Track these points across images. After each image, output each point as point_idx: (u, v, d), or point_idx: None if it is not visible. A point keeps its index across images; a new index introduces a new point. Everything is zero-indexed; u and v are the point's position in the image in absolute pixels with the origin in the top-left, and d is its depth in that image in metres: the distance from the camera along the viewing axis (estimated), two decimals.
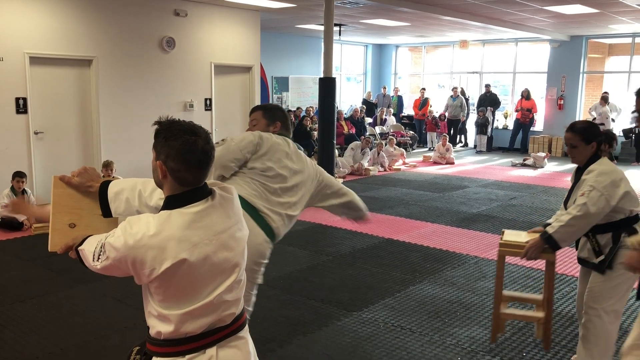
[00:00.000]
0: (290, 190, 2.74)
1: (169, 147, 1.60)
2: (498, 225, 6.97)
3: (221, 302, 1.64)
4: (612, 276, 2.84)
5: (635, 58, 13.71)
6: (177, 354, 1.61)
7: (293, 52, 14.68)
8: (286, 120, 2.97)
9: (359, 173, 10.88)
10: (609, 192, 2.78)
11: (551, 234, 2.87)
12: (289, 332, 3.88)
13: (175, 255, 1.53)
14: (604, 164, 2.89)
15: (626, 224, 2.85)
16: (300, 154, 2.88)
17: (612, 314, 2.88)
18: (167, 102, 9.36)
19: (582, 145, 2.94)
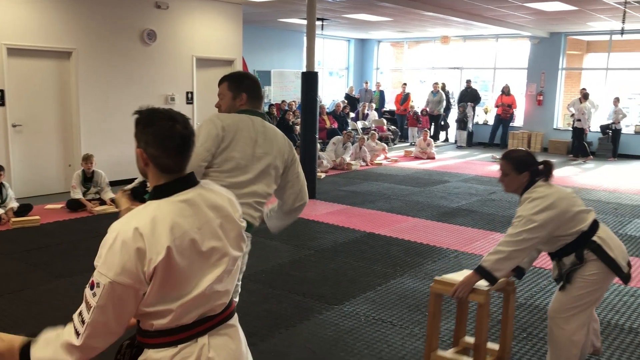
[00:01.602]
0: (255, 179, 2.63)
1: (148, 133, 1.63)
2: (478, 219, 7.06)
3: (213, 292, 1.64)
4: (572, 289, 2.85)
5: (612, 55, 13.93)
6: (169, 344, 1.61)
7: (275, 46, 14.63)
8: (254, 90, 2.74)
9: (341, 167, 10.91)
10: (540, 218, 2.73)
11: (481, 265, 2.79)
12: (271, 326, 3.89)
13: (169, 243, 1.54)
14: (537, 192, 2.82)
15: (585, 240, 2.83)
16: (267, 132, 2.70)
17: (575, 325, 2.87)
18: (148, 95, 9.28)
19: (513, 174, 2.89)
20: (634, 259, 5.49)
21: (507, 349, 3.07)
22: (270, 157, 2.68)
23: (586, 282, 2.83)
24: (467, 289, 2.81)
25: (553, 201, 2.77)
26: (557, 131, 14.38)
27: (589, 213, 2.91)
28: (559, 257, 2.93)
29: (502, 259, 2.75)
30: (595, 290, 2.86)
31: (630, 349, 3.63)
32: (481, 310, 2.82)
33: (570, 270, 2.85)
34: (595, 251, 2.81)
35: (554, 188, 2.87)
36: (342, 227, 6.59)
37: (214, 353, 1.65)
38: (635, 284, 4.81)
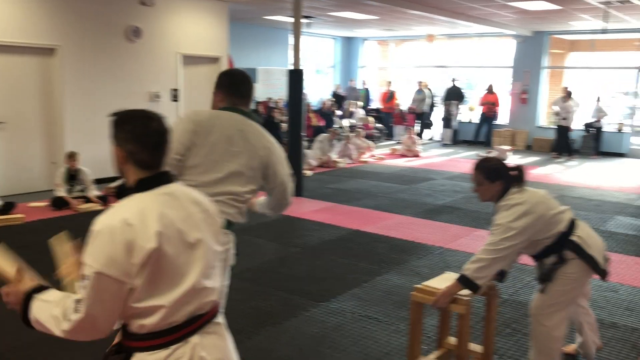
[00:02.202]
0: (228, 177, 2.57)
1: (124, 131, 1.68)
2: (463, 216, 7.12)
3: (202, 288, 1.65)
4: (552, 287, 2.91)
5: (595, 54, 14.10)
6: (160, 346, 1.60)
7: (261, 44, 14.61)
8: (231, 87, 2.68)
9: (327, 165, 10.94)
10: (517, 225, 2.75)
11: (463, 274, 2.79)
12: (258, 324, 3.91)
13: (157, 233, 1.55)
14: (512, 199, 2.84)
15: (564, 240, 2.87)
16: (245, 130, 2.63)
17: (555, 321, 2.93)
18: (133, 92, 9.23)
19: (486, 183, 2.90)
20: (615, 255, 5.58)
21: (489, 351, 3.11)
22: (246, 156, 2.60)
23: (567, 280, 2.89)
24: (448, 299, 2.80)
25: (529, 207, 2.80)
26: (540, 129, 14.53)
27: (565, 213, 2.95)
28: (541, 259, 2.98)
29: (483, 267, 2.76)
30: (575, 288, 2.94)
31: (612, 344, 3.70)
32: (462, 320, 2.82)
33: (551, 269, 2.91)
34: (575, 250, 2.87)
35: (528, 193, 2.89)
36: (329, 224, 6.62)
37: (206, 352, 1.66)
38: (615, 279, 4.90)
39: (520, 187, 2.90)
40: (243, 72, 2.86)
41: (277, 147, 2.76)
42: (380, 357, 3.47)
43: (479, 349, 3.14)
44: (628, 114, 14.05)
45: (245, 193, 2.62)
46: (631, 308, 4.31)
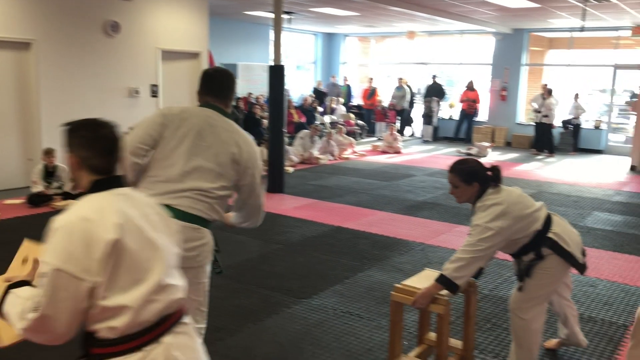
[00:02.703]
0: (193, 171, 2.52)
1: (77, 137, 1.74)
2: (443, 212, 7.16)
3: (166, 285, 1.66)
4: (531, 282, 2.95)
5: (573, 52, 14.28)
6: (132, 349, 1.58)
7: (242, 39, 14.51)
8: (206, 84, 2.68)
9: (309, 162, 10.92)
10: (495, 225, 2.77)
11: (442, 274, 2.79)
12: (239, 321, 3.88)
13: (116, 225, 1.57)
14: (489, 199, 2.85)
15: (541, 238, 2.90)
16: (216, 127, 2.59)
17: (533, 314, 2.97)
18: (112, 87, 9.11)
19: (463, 185, 2.91)
20: (593, 250, 5.65)
21: (469, 347, 3.13)
22: (214, 151, 2.56)
23: (544, 275, 2.93)
24: (427, 300, 2.80)
25: (506, 207, 2.81)
26: (520, 126, 14.67)
27: (541, 210, 2.97)
28: (519, 256, 3.01)
29: (462, 267, 2.77)
30: (552, 282, 2.98)
31: (590, 337, 3.74)
32: (441, 320, 2.82)
33: (529, 265, 2.94)
34: (552, 247, 2.90)
35: (505, 193, 2.90)
36: (310, 221, 6.60)
37: (179, 352, 1.65)
38: (593, 274, 4.96)
39: (496, 187, 2.91)
40: (221, 70, 2.85)
41: (251, 145, 2.71)
42: (362, 353, 3.47)
43: (459, 345, 3.15)
44: (605, 111, 14.25)
45: (214, 189, 2.56)
46: (609, 303, 4.37)
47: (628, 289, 4.67)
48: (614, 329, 3.90)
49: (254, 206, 2.80)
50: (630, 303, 4.36)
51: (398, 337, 2.98)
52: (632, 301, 4.40)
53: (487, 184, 2.91)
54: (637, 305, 4.32)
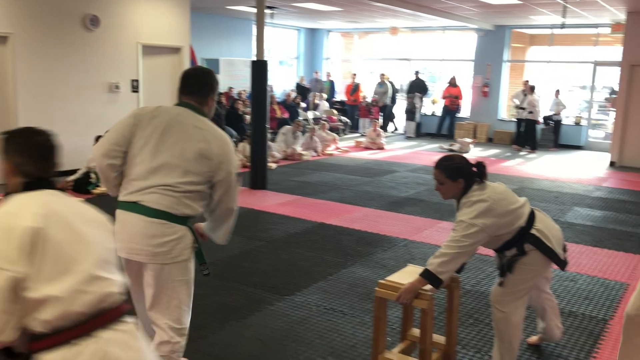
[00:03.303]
0: (160, 167, 2.52)
1: (12, 144, 1.80)
2: (426, 208, 7.18)
3: (97, 276, 1.67)
4: (512, 277, 2.97)
5: (554, 48, 14.41)
6: (65, 342, 1.58)
7: (224, 34, 14.40)
8: (182, 83, 2.69)
9: (292, 158, 10.88)
10: (479, 222, 2.78)
11: (427, 268, 2.80)
12: (222, 318, 3.85)
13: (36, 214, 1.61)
14: (474, 195, 2.85)
15: (524, 234, 2.91)
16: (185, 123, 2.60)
17: (513, 308, 3.00)
18: (92, 82, 8.98)
19: (448, 182, 2.91)
20: (574, 245, 5.71)
21: (452, 342, 3.14)
22: (180, 147, 2.54)
23: (526, 270, 2.96)
24: (412, 295, 2.80)
25: (491, 204, 2.82)
26: (501, 122, 14.78)
27: (525, 207, 2.99)
28: (501, 251, 3.02)
29: (445, 262, 2.77)
30: (533, 277, 3.01)
31: (570, 332, 3.78)
32: (425, 316, 2.82)
33: (511, 261, 2.96)
34: (534, 244, 2.92)
35: (490, 189, 2.90)
36: (294, 217, 6.58)
37: (117, 349, 1.64)
38: (574, 269, 5.01)
39: (481, 184, 2.92)
40: (199, 69, 2.90)
41: (223, 141, 2.65)
42: (345, 350, 3.46)
43: (442, 340, 3.16)
44: (585, 108, 14.42)
45: (181, 184, 2.52)
46: (590, 297, 4.41)
47: (608, 283, 4.73)
48: (594, 323, 3.94)
49: (227, 210, 2.72)
50: (610, 297, 4.41)
51: (382, 333, 2.97)
52: (611, 295, 4.45)
53: (472, 180, 2.91)
54: (616, 299, 4.37)
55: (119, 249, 2.47)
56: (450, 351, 3.15)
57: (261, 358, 3.35)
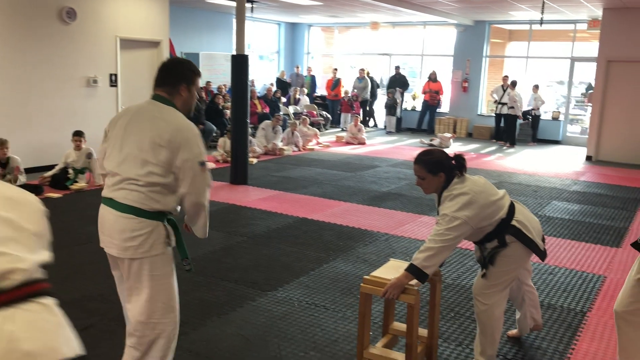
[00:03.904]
0: (124, 160, 2.53)
1: None
2: (407, 203, 7.22)
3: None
4: (494, 269, 3.01)
5: (532, 44, 14.56)
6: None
7: (204, 28, 14.28)
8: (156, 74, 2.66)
9: (273, 153, 10.85)
10: (462, 215, 2.80)
11: (412, 263, 2.80)
12: (203, 314, 3.83)
13: None
14: (455, 189, 2.87)
15: (505, 225, 2.95)
16: (143, 114, 2.59)
17: (495, 300, 3.04)
18: (69, 76, 8.84)
19: (429, 176, 2.92)
20: (552, 239, 5.79)
21: (434, 336, 3.16)
22: (137, 137, 2.53)
23: (507, 261, 2.99)
24: (399, 290, 2.80)
25: (472, 197, 2.84)
26: (481, 117, 14.90)
27: (504, 199, 3.02)
28: (482, 243, 3.05)
29: (431, 256, 2.79)
30: (515, 269, 3.05)
31: (549, 324, 3.83)
32: (412, 310, 2.83)
33: (492, 253, 2.99)
34: (515, 235, 2.96)
35: (470, 182, 2.93)
36: (275, 212, 6.56)
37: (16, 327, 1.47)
38: (552, 263, 5.08)
39: (461, 177, 2.94)
40: (171, 59, 2.86)
41: (179, 127, 2.55)
42: (327, 345, 3.46)
43: (425, 334, 3.18)
44: (563, 103, 14.60)
45: (142, 176, 2.50)
46: (568, 290, 4.48)
47: (586, 275, 4.80)
48: (573, 315, 4.00)
49: (195, 205, 2.59)
50: (588, 290, 4.48)
51: (367, 328, 2.98)
52: (589, 288, 4.52)
53: (453, 173, 2.93)
54: (594, 291, 4.44)
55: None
56: (433, 344, 3.17)
57: (243, 354, 3.34)
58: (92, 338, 3.46)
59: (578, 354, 3.44)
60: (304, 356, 3.32)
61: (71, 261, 4.79)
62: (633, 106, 11.15)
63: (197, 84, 2.73)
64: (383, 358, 2.98)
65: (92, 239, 5.37)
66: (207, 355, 3.30)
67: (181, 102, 2.66)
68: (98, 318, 3.73)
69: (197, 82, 2.73)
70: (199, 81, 2.76)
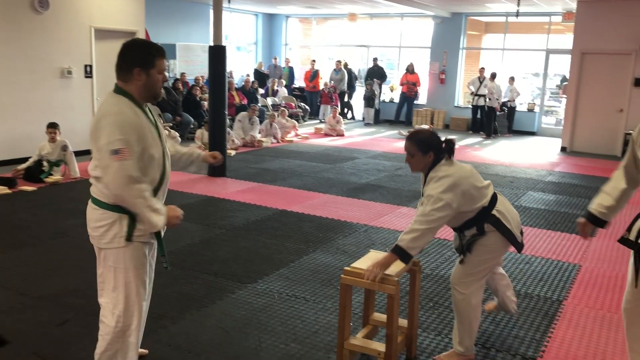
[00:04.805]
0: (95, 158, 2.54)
1: None
2: (385, 194, 7.25)
3: None
4: (471, 257, 3.05)
5: (508, 36, 14.69)
6: None
7: (180, 19, 14.09)
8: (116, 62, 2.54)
9: (251, 145, 10.79)
10: (447, 197, 2.83)
11: (398, 244, 2.83)
12: (182, 308, 3.80)
13: None
14: (442, 170, 2.92)
15: (485, 214, 2.99)
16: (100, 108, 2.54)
17: (472, 289, 3.08)
18: (43, 67, 8.65)
19: (418, 154, 2.98)
20: (528, 229, 5.87)
21: (414, 326, 3.19)
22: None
23: (485, 251, 3.03)
24: (383, 269, 2.82)
25: (457, 179, 2.88)
26: (458, 109, 15.01)
27: (489, 188, 3.07)
28: (461, 230, 3.08)
29: (416, 238, 2.81)
30: (492, 258, 3.09)
31: (526, 313, 3.89)
32: (392, 301, 2.84)
33: (470, 241, 3.03)
34: (494, 224, 2.99)
35: (457, 166, 2.98)
36: (254, 205, 6.53)
37: None
38: (529, 252, 5.16)
39: (449, 160, 2.99)
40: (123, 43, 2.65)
41: (98, 115, 2.46)
42: (308, 336, 3.46)
43: (404, 324, 3.20)
44: (538, 95, 14.78)
45: (92, 170, 2.56)
46: (544, 279, 4.55)
47: (561, 264, 4.88)
48: (549, 303, 4.07)
49: (115, 197, 2.46)
50: (564, 279, 4.56)
51: (347, 319, 2.99)
52: (565, 277, 4.60)
53: (441, 155, 2.99)
54: (570, 280, 4.52)
55: None
56: (412, 334, 3.20)
57: (223, 347, 3.32)
58: (69, 333, 3.41)
59: (555, 342, 3.50)
60: (284, 348, 3.32)
61: (47, 256, 4.71)
62: (607, 98, 11.34)
63: (160, 65, 2.54)
64: (363, 348, 3.00)
65: (68, 233, 5.29)
66: (187, 349, 3.28)
67: (138, 88, 2.52)
68: (75, 313, 3.67)
69: (159, 63, 2.53)
70: (161, 62, 2.54)
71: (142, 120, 2.51)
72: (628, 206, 3.26)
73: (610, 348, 3.44)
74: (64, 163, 7.60)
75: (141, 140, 2.46)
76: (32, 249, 4.88)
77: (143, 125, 2.50)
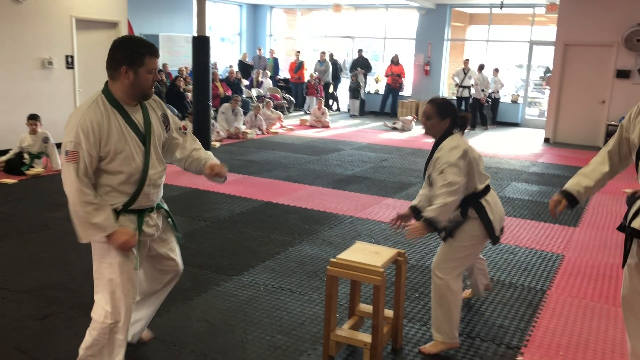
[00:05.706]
0: None
1: None
2: (371, 185, 7.25)
3: None
4: (453, 243, 3.11)
5: (493, 28, 14.74)
6: None
7: (163, 9, 13.93)
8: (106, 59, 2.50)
9: (236, 136, 10.72)
10: (462, 163, 2.95)
11: (428, 217, 2.90)
12: (167, 301, 3.75)
13: None
14: (455, 140, 3.03)
15: (474, 199, 3.08)
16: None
17: (453, 275, 3.13)
18: (22, 58, 8.50)
19: (436, 118, 3.07)
20: (513, 219, 5.91)
21: (400, 316, 3.20)
22: None
23: (466, 237, 3.11)
24: (420, 233, 2.91)
25: (466, 150, 3.00)
26: None
27: (487, 179, 3.18)
28: None
29: (446, 211, 2.92)
30: (473, 245, 3.16)
31: (511, 302, 3.92)
32: (378, 292, 2.86)
33: (453, 227, 3.09)
34: (478, 211, 3.07)
35: (467, 144, 3.09)
36: (239, 197, 6.50)
37: None
38: (513, 242, 5.19)
39: (461, 134, 3.10)
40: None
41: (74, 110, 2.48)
42: (294, 328, 3.46)
43: (390, 314, 3.21)
44: (522, 86, 14.87)
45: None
46: (528, 269, 4.59)
47: (545, 254, 4.92)
48: (533, 293, 4.10)
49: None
50: (547, 268, 4.60)
51: (334, 311, 2.98)
52: (548, 267, 4.64)
53: (455, 126, 3.10)
54: (553, 270, 4.56)
55: None
56: (398, 325, 3.20)
57: (209, 339, 3.30)
58: (52, 327, 3.37)
59: (539, 331, 3.53)
60: (270, 340, 3.31)
61: (28, 249, 4.64)
62: (589, 89, 11.44)
63: (150, 64, 2.46)
64: (350, 339, 3.00)
65: (50, 226, 5.22)
66: (173, 342, 3.26)
67: (125, 86, 2.46)
68: (57, 306, 3.63)
69: (148, 62, 2.45)
70: (151, 61, 2.46)
71: (112, 123, 2.44)
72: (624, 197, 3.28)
73: (594, 336, 3.48)
74: (45, 155, 7.49)
75: (106, 143, 2.42)
76: (14, 242, 4.81)
77: (112, 128, 2.44)
